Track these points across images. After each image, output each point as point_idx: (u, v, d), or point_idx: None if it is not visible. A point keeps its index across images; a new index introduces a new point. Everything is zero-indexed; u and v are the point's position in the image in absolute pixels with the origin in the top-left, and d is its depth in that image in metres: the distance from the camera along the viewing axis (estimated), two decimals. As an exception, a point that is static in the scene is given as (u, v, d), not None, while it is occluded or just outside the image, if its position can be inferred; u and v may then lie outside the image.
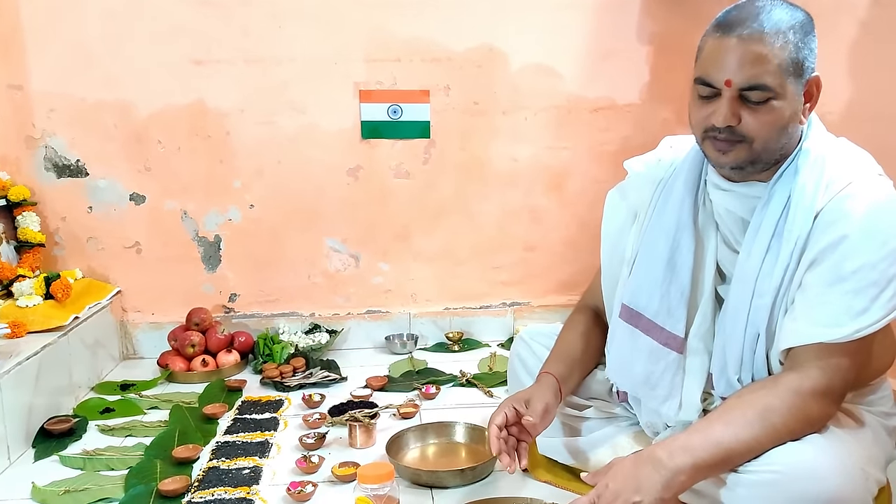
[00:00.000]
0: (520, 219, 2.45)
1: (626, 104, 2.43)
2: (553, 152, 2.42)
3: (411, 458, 1.56)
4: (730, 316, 1.19)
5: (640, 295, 1.29)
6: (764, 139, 1.11)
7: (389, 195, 2.38)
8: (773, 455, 1.05)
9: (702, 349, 1.25)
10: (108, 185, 2.28)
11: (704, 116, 1.13)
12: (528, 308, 2.48)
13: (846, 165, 1.13)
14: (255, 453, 1.60)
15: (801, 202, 1.12)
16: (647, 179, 1.34)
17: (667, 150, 1.36)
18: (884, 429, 1.21)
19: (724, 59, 1.09)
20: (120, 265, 2.33)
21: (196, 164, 2.29)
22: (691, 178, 1.26)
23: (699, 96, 1.14)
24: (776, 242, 1.13)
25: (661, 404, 1.28)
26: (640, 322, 1.30)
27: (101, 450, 1.65)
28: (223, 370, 2.14)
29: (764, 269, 1.14)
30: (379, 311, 2.43)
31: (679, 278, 1.25)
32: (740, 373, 1.17)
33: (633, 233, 1.35)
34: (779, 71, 1.08)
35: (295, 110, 2.30)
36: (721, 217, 1.24)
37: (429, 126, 2.35)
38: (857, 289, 1.06)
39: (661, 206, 1.29)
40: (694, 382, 1.25)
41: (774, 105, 1.09)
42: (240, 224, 2.34)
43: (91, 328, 2.11)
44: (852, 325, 1.06)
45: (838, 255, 1.07)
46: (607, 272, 1.40)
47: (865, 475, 1.07)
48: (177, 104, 2.26)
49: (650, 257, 1.28)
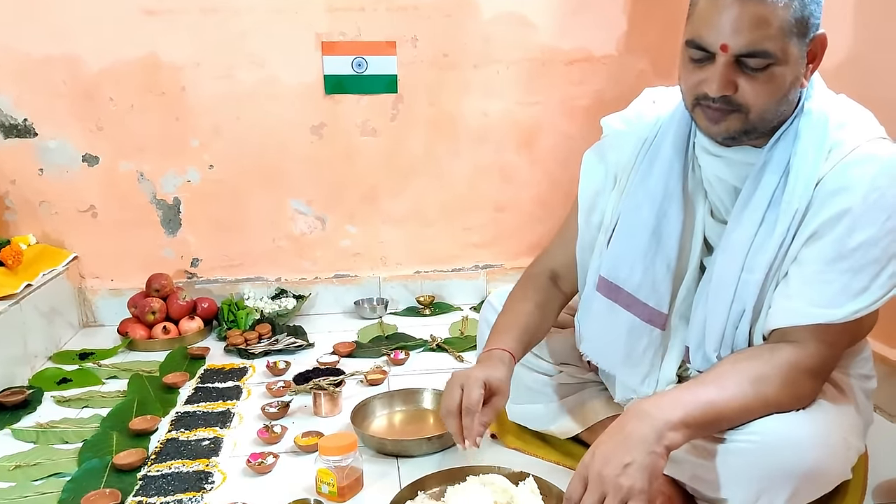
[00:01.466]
0: (490, 177, 2.38)
1: (602, 56, 2.35)
2: (524, 107, 2.34)
3: (377, 427, 1.51)
4: (714, 290, 1.10)
5: (620, 267, 1.20)
6: (761, 109, 1.01)
7: (356, 154, 2.29)
8: (753, 425, 1.00)
9: (681, 324, 1.18)
10: (58, 146, 2.16)
11: (696, 83, 1.03)
12: (500, 270, 2.43)
13: (849, 128, 1.05)
14: (215, 424, 1.55)
15: (801, 169, 1.03)
16: (629, 138, 1.23)
17: (649, 104, 1.25)
18: (863, 392, 1.18)
19: (719, 21, 0.97)
20: (75, 230, 2.23)
21: (151, 122, 2.18)
22: (679, 139, 1.16)
23: (690, 60, 1.03)
24: (772, 213, 1.05)
25: (640, 383, 1.21)
26: (619, 296, 1.21)
27: (56, 422, 1.59)
28: (186, 337, 2.07)
29: (756, 242, 1.06)
30: (347, 275, 2.36)
31: (665, 250, 1.16)
32: (720, 349, 1.10)
33: (614, 197, 1.25)
34: (781, 34, 0.96)
35: (254, 64, 2.18)
36: (710, 184, 1.14)
37: (396, 80, 2.25)
38: (858, 266, 0.99)
39: (646, 169, 1.19)
40: (672, 358, 1.19)
41: (775, 72, 0.98)
42: (199, 186, 2.24)
43: (46, 295, 2.02)
44: (851, 305, 1.00)
45: (840, 230, 0.99)
46: (584, 237, 1.29)
47: (847, 446, 1.04)
48: (128, 58, 2.13)
49: (633, 225, 1.19)
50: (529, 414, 1.43)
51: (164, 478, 1.32)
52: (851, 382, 1.16)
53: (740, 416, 1.01)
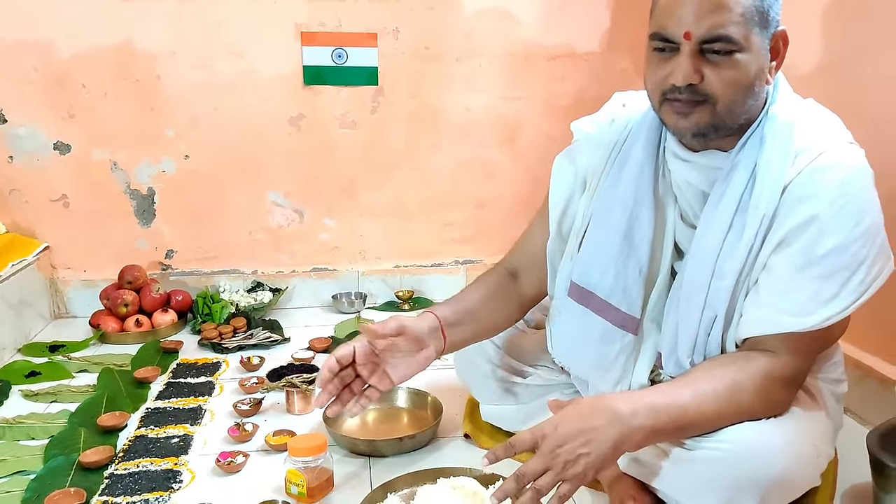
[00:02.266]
0: (472, 173, 2.36)
1: (585, 52, 2.33)
2: (506, 102, 2.32)
3: (350, 426, 1.50)
4: (685, 295, 1.10)
5: (591, 272, 1.19)
6: (728, 99, 1.00)
7: (335, 147, 2.26)
8: (723, 433, 1.00)
9: (655, 329, 1.17)
10: (29, 133, 2.12)
11: (662, 77, 1.02)
12: (481, 266, 2.41)
13: (816, 133, 1.04)
14: (186, 420, 1.52)
15: (767, 174, 1.02)
16: (599, 142, 1.23)
17: (619, 108, 1.24)
18: (833, 396, 1.18)
19: (681, 10, 0.98)
20: (47, 219, 2.18)
21: (125, 110, 2.14)
22: (650, 143, 1.15)
23: (655, 53, 1.03)
24: (739, 218, 1.04)
25: (613, 387, 1.20)
26: (591, 301, 1.20)
27: (23, 417, 1.55)
28: (159, 331, 2.04)
29: (725, 247, 1.05)
30: (325, 268, 2.34)
31: (637, 254, 1.15)
32: (692, 355, 1.09)
33: (584, 202, 1.24)
34: (742, 20, 0.97)
35: (232, 53, 2.15)
36: (680, 189, 1.14)
37: (376, 72, 2.22)
38: (827, 274, 0.99)
39: (616, 173, 1.18)
40: (644, 363, 1.19)
41: (739, 59, 0.99)
42: (174, 176, 2.21)
43: (15, 286, 1.98)
44: (822, 312, 1.00)
45: (808, 237, 0.99)
46: (554, 243, 1.28)
47: (816, 453, 1.04)
48: (102, 45, 2.08)
49: (604, 230, 1.18)
50: (503, 415, 1.42)
51: (132, 476, 1.30)
52: (822, 387, 1.16)
53: (711, 424, 1.01)
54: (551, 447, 0.94)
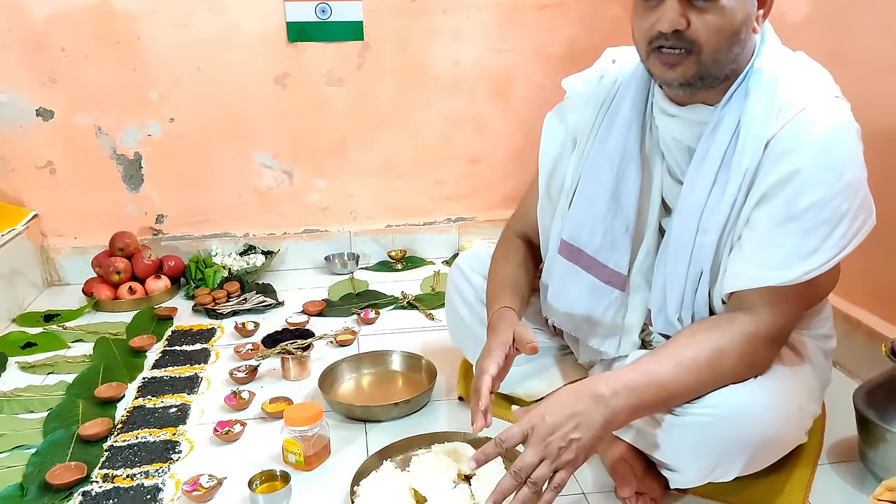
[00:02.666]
0: (463, 128, 2.33)
1: (575, 0, 2.27)
2: (496, 55, 2.28)
3: (345, 391, 1.51)
4: (672, 252, 1.11)
5: (581, 229, 1.20)
6: (714, 47, 0.99)
7: (322, 105, 2.23)
8: (710, 398, 1.01)
9: (643, 285, 1.19)
10: (9, 100, 2.07)
11: (649, 25, 1.01)
12: (473, 223, 2.40)
13: (801, 87, 1.03)
14: (183, 389, 1.54)
15: (750, 129, 1.02)
16: (589, 100, 1.22)
17: (609, 64, 1.23)
18: (821, 352, 1.19)
19: None
20: (34, 187, 2.16)
21: (106, 73, 2.09)
22: (638, 100, 1.15)
23: (642, 3, 1.02)
24: (723, 174, 1.04)
25: (601, 342, 1.23)
26: (580, 258, 1.21)
27: (21, 390, 1.56)
28: (153, 297, 2.04)
29: (710, 203, 1.06)
30: (317, 229, 2.33)
31: (624, 211, 1.16)
32: (680, 311, 1.11)
33: (574, 160, 1.24)
34: None
35: (212, 11, 2.09)
36: (667, 145, 1.14)
37: (362, 27, 2.17)
38: (809, 228, 0.99)
39: (605, 131, 1.18)
40: (634, 318, 1.21)
41: (724, 5, 0.97)
42: (160, 140, 2.17)
43: (6, 256, 1.98)
44: (802, 266, 1.00)
45: (790, 191, 0.99)
46: (544, 202, 1.28)
47: (801, 413, 1.06)
48: (78, 4, 2.03)
49: (593, 188, 1.18)
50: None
51: (131, 448, 1.31)
52: (809, 343, 1.17)
53: (695, 392, 1.02)
54: (542, 436, 0.95)
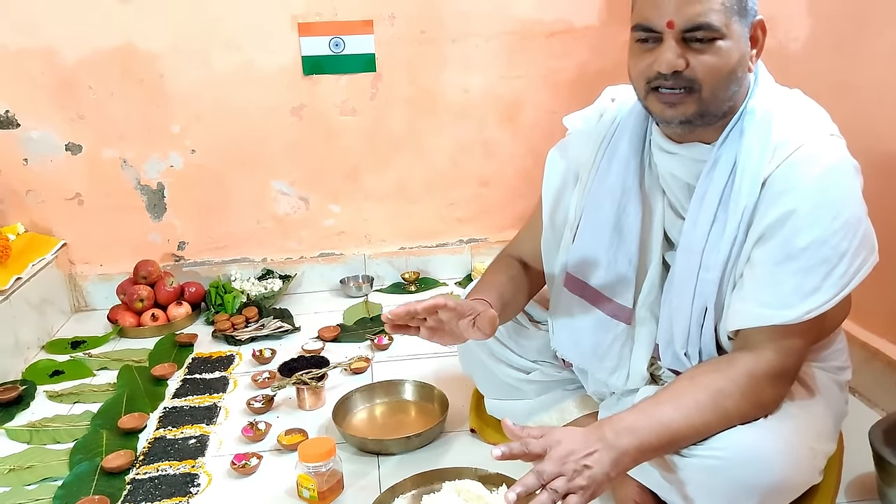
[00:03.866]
0: (473, 153, 2.38)
1: (584, 27, 2.31)
2: (506, 82, 2.32)
3: (358, 422, 1.57)
4: (676, 288, 1.13)
5: (586, 262, 1.23)
6: (713, 85, 1.02)
7: (336, 134, 2.29)
8: (718, 440, 1.02)
9: (649, 318, 1.20)
10: (41, 136, 2.17)
11: (647, 65, 1.05)
12: (485, 244, 2.45)
13: (795, 125, 1.05)
14: (202, 420, 1.60)
15: (746, 168, 1.04)
16: (589, 137, 1.26)
17: (608, 103, 1.27)
18: (836, 385, 1.19)
19: (663, 1, 1.01)
20: (63, 217, 2.25)
21: (131, 109, 2.18)
22: (636, 137, 1.19)
23: (638, 44, 1.06)
24: (722, 212, 1.07)
25: (609, 375, 1.25)
26: (585, 292, 1.24)
27: (48, 419, 1.64)
28: (174, 323, 2.12)
29: (710, 240, 1.08)
30: (332, 253, 2.39)
31: (626, 244, 1.19)
32: (687, 347, 1.12)
33: (576, 195, 1.28)
34: (723, 9, 1.00)
35: (230, 48, 2.16)
36: (666, 181, 1.17)
37: (374, 59, 2.23)
38: (808, 267, 1.00)
39: (605, 167, 1.22)
40: (642, 352, 1.22)
41: (721, 46, 1.01)
42: (182, 170, 2.25)
43: (36, 286, 2.07)
44: (803, 305, 1.01)
45: (787, 231, 1.01)
46: (548, 235, 1.32)
47: (813, 454, 1.05)
48: (105, 47, 2.12)
49: (595, 221, 1.22)
50: (507, 409, 1.45)
51: (152, 481, 1.38)
52: (821, 375, 1.17)
53: (700, 434, 1.02)
54: (561, 455, 0.97)
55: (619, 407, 1.24)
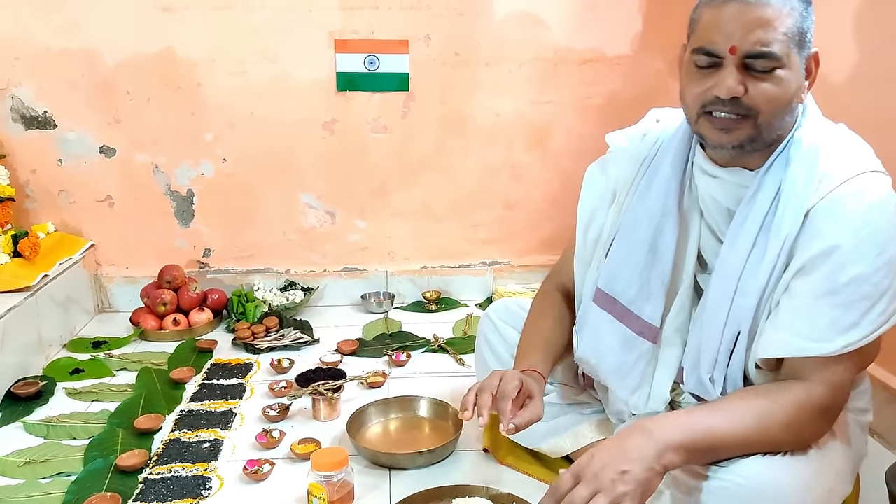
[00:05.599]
0: (500, 175, 2.38)
1: (615, 56, 2.32)
2: (537, 107, 2.33)
3: (372, 435, 1.56)
4: (709, 311, 1.12)
5: (617, 279, 1.23)
6: (770, 112, 1.02)
7: (366, 150, 2.31)
8: (739, 465, 1.00)
9: (676, 340, 1.20)
10: (77, 138, 2.21)
11: (704, 90, 1.04)
12: (507, 268, 2.45)
13: (841, 159, 1.05)
14: (217, 424, 1.60)
15: (791, 197, 1.04)
16: (631, 156, 1.26)
17: (653, 124, 1.28)
18: (858, 426, 1.17)
19: (727, 25, 1.01)
20: (93, 218, 2.29)
21: (166, 115, 2.22)
22: (679, 158, 1.19)
23: (697, 69, 1.05)
24: (763, 238, 1.06)
25: (631, 394, 1.23)
26: (614, 308, 1.24)
27: (66, 416, 1.65)
28: (196, 329, 2.13)
29: (749, 265, 1.07)
30: (356, 268, 2.40)
31: (660, 265, 1.19)
32: (713, 371, 1.11)
33: (612, 212, 1.28)
34: (785, 39, 1.00)
35: (267, 60, 2.20)
36: (706, 204, 1.16)
37: (407, 78, 2.26)
38: (848, 302, 0.99)
39: (645, 186, 1.22)
40: (665, 374, 1.21)
41: (781, 75, 1.01)
42: (213, 178, 2.29)
43: (62, 284, 2.09)
44: (841, 340, 1.00)
45: (830, 266, 0.99)
46: (581, 251, 1.32)
47: (831, 495, 1.04)
48: (145, 53, 2.16)
49: (631, 240, 1.22)
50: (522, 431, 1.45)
51: (164, 482, 1.38)
52: (845, 416, 1.15)
53: (740, 448, 1.01)
54: (594, 471, 0.95)
55: None
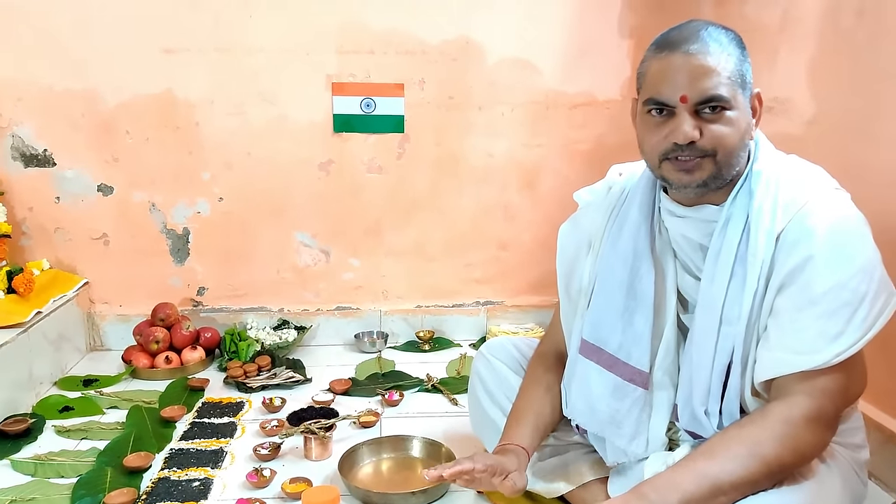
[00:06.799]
0: (493, 216, 2.41)
1: (605, 100, 2.38)
2: (528, 149, 2.38)
3: (364, 475, 1.55)
4: (696, 345, 1.14)
5: (600, 327, 1.24)
6: (727, 149, 1.07)
7: (361, 190, 2.34)
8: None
9: (667, 382, 1.20)
10: (75, 176, 2.24)
11: (662, 138, 1.09)
12: (501, 307, 2.46)
13: (801, 184, 1.10)
14: (207, 463, 1.59)
15: (760, 225, 1.08)
16: (599, 207, 1.31)
17: (616, 177, 1.32)
18: (854, 463, 1.18)
19: (674, 76, 1.06)
20: (87, 256, 2.30)
21: (165, 155, 2.25)
22: (645, 205, 1.23)
23: (651, 117, 1.11)
24: (740, 267, 1.09)
25: (629, 443, 1.23)
26: (601, 357, 1.24)
27: (54, 454, 1.64)
28: (187, 367, 2.12)
29: (730, 295, 1.10)
30: (349, 307, 2.41)
31: (641, 307, 1.20)
32: (707, 404, 1.12)
33: (589, 262, 1.30)
34: (729, 82, 1.06)
35: (266, 102, 2.24)
36: (678, 244, 1.20)
37: (403, 120, 2.30)
38: (830, 311, 1.02)
39: (616, 233, 1.25)
40: (660, 418, 1.21)
41: (730, 116, 1.07)
42: (209, 217, 2.31)
43: (55, 322, 2.09)
44: (830, 349, 1.02)
45: (806, 277, 1.03)
46: (565, 305, 1.34)
47: None
48: (145, 94, 2.20)
49: (609, 286, 1.24)
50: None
51: (153, 521, 1.37)
52: (840, 451, 1.16)
53: (744, 484, 1.01)
54: None
55: (632, 470, 1.24)
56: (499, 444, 1.28)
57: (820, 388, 1.04)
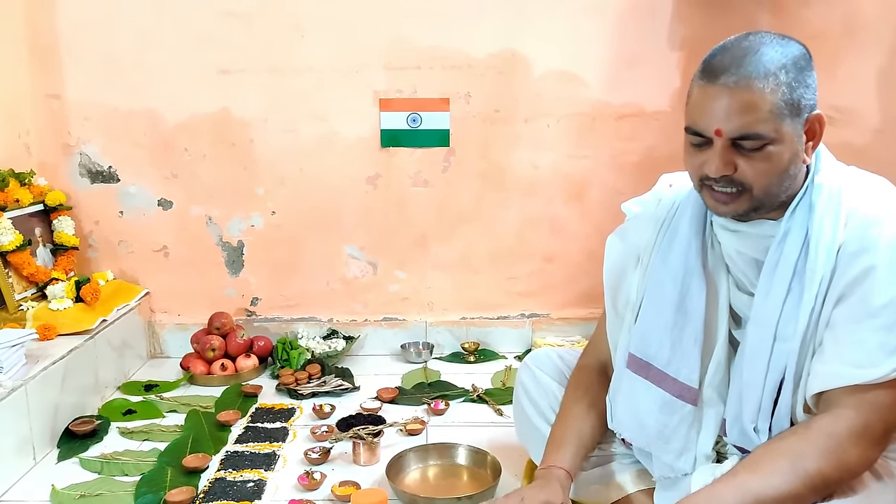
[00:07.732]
0: (539, 228, 2.44)
1: (654, 111, 2.38)
2: (574, 161, 2.39)
3: (411, 481, 1.58)
4: (748, 361, 1.12)
5: (649, 343, 1.22)
6: (764, 185, 1.05)
7: (408, 203, 2.40)
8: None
9: (716, 399, 1.18)
10: (137, 191, 2.36)
11: (698, 165, 1.08)
12: (546, 320, 2.47)
13: (863, 195, 1.08)
14: (261, 465, 1.65)
15: (821, 239, 1.05)
16: (648, 220, 1.29)
17: (666, 188, 1.31)
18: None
19: (710, 108, 1.03)
20: (149, 268, 2.41)
21: (221, 171, 2.35)
22: (696, 217, 1.20)
23: (691, 144, 1.09)
24: (797, 283, 1.07)
25: (677, 458, 1.21)
26: (649, 373, 1.23)
27: (119, 453, 1.73)
28: (242, 374, 2.20)
29: (786, 311, 1.08)
30: (395, 318, 2.46)
31: (691, 324, 1.18)
32: (757, 421, 1.10)
33: (637, 276, 1.28)
34: (772, 116, 1.02)
35: (316, 119, 2.33)
36: (732, 258, 1.17)
37: (448, 134, 2.35)
38: (890, 324, 0.99)
39: (666, 247, 1.23)
40: (708, 433, 1.19)
41: (771, 150, 1.03)
42: (262, 230, 2.39)
43: (119, 330, 2.20)
44: (889, 363, 0.99)
45: (866, 288, 1.01)
46: (612, 318, 1.33)
47: None
48: (203, 113, 2.31)
49: (658, 302, 1.22)
50: None
51: (210, 518, 1.43)
52: (893, 466, 1.12)
53: (784, 499, 0.99)
54: None
55: (679, 483, 1.22)
56: (541, 465, 1.29)
57: (869, 402, 1.01)
